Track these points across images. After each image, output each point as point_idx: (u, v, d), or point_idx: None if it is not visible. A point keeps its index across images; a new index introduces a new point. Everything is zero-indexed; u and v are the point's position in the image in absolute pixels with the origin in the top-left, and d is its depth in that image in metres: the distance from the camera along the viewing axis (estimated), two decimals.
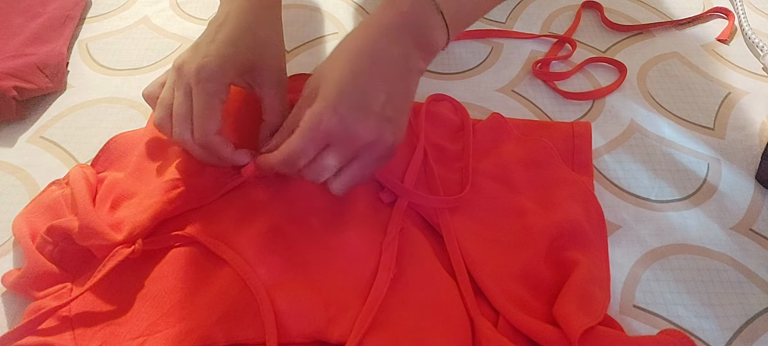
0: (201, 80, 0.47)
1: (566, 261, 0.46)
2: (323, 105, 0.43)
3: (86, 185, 0.48)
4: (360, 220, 0.48)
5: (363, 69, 0.44)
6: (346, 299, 0.44)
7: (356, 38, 0.46)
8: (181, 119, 0.47)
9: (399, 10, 0.46)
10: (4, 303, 0.46)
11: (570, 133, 0.57)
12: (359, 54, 0.45)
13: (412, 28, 0.46)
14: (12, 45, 0.63)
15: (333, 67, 0.45)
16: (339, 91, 0.43)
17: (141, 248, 0.45)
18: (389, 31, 0.45)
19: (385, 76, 0.45)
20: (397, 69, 0.46)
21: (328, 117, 0.43)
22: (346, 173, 0.46)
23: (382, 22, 0.46)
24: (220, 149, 0.48)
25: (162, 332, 0.42)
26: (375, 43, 0.45)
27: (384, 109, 0.44)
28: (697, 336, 0.45)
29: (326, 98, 0.43)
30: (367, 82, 0.44)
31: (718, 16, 0.73)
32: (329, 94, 0.44)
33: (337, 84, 0.44)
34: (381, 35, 0.45)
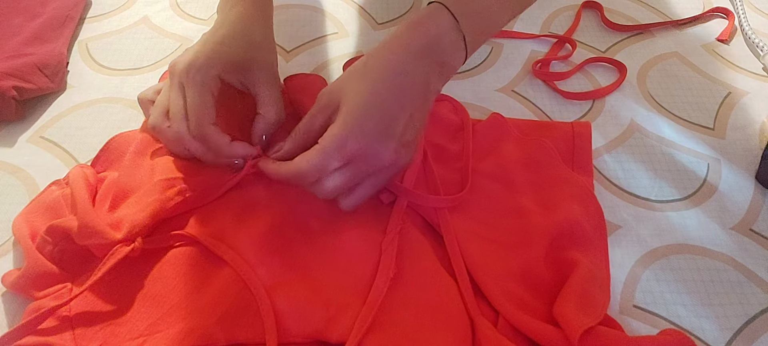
0: (190, 73, 0.48)
1: (566, 261, 0.46)
2: (350, 127, 0.43)
3: (86, 185, 0.48)
4: (360, 220, 0.48)
5: (389, 92, 0.44)
6: (345, 299, 0.44)
7: (383, 59, 0.45)
8: (177, 115, 0.48)
9: (426, 32, 0.46)
10: (4, 303, 0.46)
11: (570, 133, 0.57)
12: (385, 76, 0.44)
13: (436, 51, 0.46)
14: (12, 45, 0.63)
15: (358, 86, 0.45)
16: (365, 113, 0.43)
17: (141, 246, 0.45)
18: (415, 54, 0.45)
19: (407, 100, 0.45)
20: (418, 92, 0.46)
21: (354, 139, 0.43)
22: (358, 192, 0.47)
23: (410, 45, 0.45)
24: (216, 140, 0.48)
25: (162, 332, 0.42)
26: (401, 65, 0.45)
27: (404, 132, 0.45)
28: (697, 336, 0.45)
29: (353, 120, 0.43)
30: (392, 106, 0.44)
31: (718, 16, 0.73)
32: (355, 115, 0.43)
33: (363, 106, 0.44)
34: (407, 58, 0.45)
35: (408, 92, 0.45)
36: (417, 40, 0.45)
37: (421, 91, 0.46)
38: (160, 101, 0.51)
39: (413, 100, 0.45)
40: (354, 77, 0.45)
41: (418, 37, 0.45)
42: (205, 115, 0.48)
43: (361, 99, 0.44)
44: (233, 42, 0.51)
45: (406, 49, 0.45)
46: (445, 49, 0.46)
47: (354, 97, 0.44)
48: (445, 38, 0.46)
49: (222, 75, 0.50)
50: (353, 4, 0.75)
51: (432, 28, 0.46)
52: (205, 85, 0.48)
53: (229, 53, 0.50)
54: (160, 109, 0.50)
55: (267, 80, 0.52)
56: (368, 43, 0.69)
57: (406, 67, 0.45)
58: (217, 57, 0.49)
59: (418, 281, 0.45)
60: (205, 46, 0.50)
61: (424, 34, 0.46)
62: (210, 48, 0.50)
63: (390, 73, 0.45)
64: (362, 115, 0.43)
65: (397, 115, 0.44)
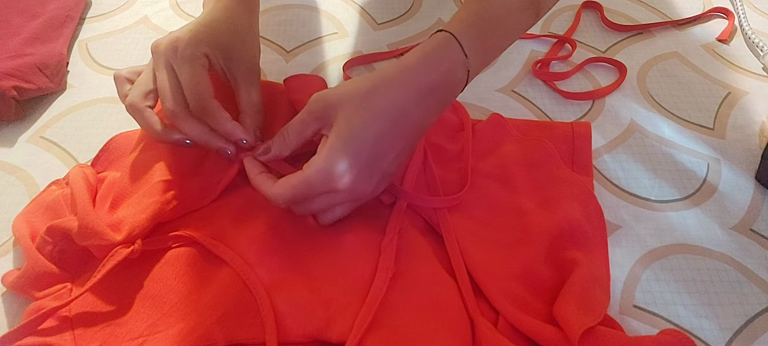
0: (178, 50, 0.47)
1: (566, 261, 0.46)
2: (338, 161, 0.42)
3: (86, 185, 0.48)
4: (359, 220, 0.48)
5: (386, 131, 0.43)
6: (345, 299, 0.44)
7: (389, 95, 0.43)
8: (170, 93, 0.47)
9: (438, 69, 0.44)
10: (4, 303, 0.46)
11: (570, 133, 0.57)
12: (386, 115, 0.43)
13: (443, 90, 0.45)
14: (12, 45, 0.63)
15: (355, 116, 0.43)
16: (357, 150, 0.43)
17: (140, 248, 0.45)
18: (421, 94, 0.44)
19: (401, 138, 0.44)
20: (414, 130, 0.45)
21: (339, 175, 0.43)
22: (333, 213, 0.47)
23: (416, 83, 0.44)
24: (219, 114, 0.47)
25: (162, 332, 0.42)
26: (404, 105, 0.44)
27: (390, 166, 0.45)
28: (697, 336, 0.45)
29: (342, 154, 0.42)
30: (385, 145, 0.44)
31: (718, 16, 0.73)
32: (346, 150, 0.42)
33: (356, 142, 0.43)
34: (412, 98, 0.44)
35: (404, 134, 0.44)
36: (427, 78, 0.44)
37: (417, 130, 0.45)
38: (142, 81, 0.49)
39: (405, 138, 0.45)
40: (355, 101, 0.43)
41: (430, 76, 0.44)
42: (205, 89, 0.47)
43: (356, 132, 0.43)
44: (218, 26, 0.50)
45: (415, 89, 0.44)
46: (453, 87, 0.46)
47: (349, 127, 0.43)
48: (455, 76, 0.45)
49: (209, 54, 0.48)
50: (353, 4, 0.75)
51: (445, 65, 0.45)
52: (196, 59, 0.47)
53: (214, 34, 0.49)
54: (141, 88, 0.48)
55: (248, 75, 0.51)
56: (368, 43, 0.69)
57: (408, 109, 0.44)
58: (203, 36, 0.48)
59: (418, 280, 0.45)
60: (189, 26, 0.49)
61: (436, 73, 0.44)
62: (195, 28, 0.49)
63: (391, 113, 0.43)
64: (353, 152, 0.42)
65: (386, 154, 0.44)
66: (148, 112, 0.48)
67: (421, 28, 0.71)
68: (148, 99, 0.48)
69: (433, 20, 0.72)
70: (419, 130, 0.46)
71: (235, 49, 0.50)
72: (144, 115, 0.48)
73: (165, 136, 0.48)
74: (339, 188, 0.43)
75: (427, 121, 0.46)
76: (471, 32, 0.46)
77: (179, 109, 0.47)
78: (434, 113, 0.46)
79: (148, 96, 0.48)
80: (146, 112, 0.48)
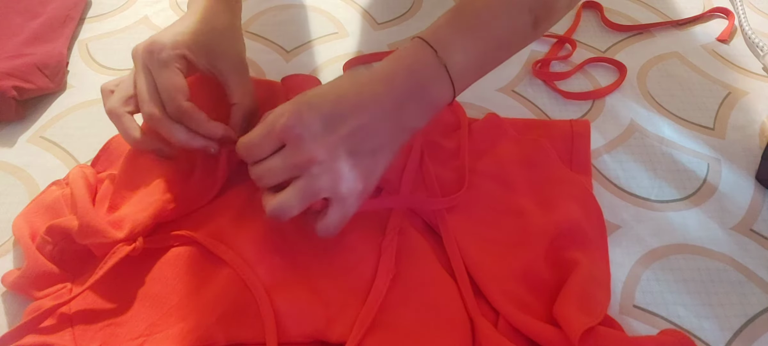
0: (154, 52, 0.47)
1: (566, 261, 0.46)
2: (290, 106, 0.42)
3: (85, 185, 0.48)
4: (359, 221, 0.48)
5: (349, 96, 0.43)
6: (345, 300, 0.44)
7: (354, 75, 0.45)
8: (147, 96, 0.47)
9: (401, 62, 0.45)
10: (4, 303, 0.46)
11: (569, 132, 0.57)
12: (352, 87, 0.44)
13: (412, 82, 0.44)
14: (12, 45, 0.63)
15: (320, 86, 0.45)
16: (311, 100, 0.42)
17: (142, 246, 0.45)
18: (386, 78, 0.44)
19: (366, 115, 0.43)
20: (384, 116, 0.44)
21: (288, 117, 0.41)
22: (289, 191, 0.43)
23: (382, 70, 0.45)
24: (194, 116, 0.47)
25: (162, 332, 0.42)
26: (368, 85, 0.44)
27: (352, 138, 0.42)
28: (697, 336, 0.45)
29: (297, 101, 0.43)
30: (343, 108, 0.42)
31: (718, 16, 0.73)
32: (301, 99, 0.43)
33: (313, 95, 0.43)
34: (377, 80, 0.44)
35: (368, 109, 0.43)
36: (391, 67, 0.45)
37: (388, 117, 0.44)
38: (123, 86, 0.49)
39: (372, 118, 0.43)
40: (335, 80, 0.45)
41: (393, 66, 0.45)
42: (179, 91, 0.47)
43: (315, 90, 0.44)
44: (196, 26, 0.50)
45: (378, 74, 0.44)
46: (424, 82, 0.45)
47: (311, 90, 0.44)
48: (424, 70, 0.45)
49: (187, 55, 0.48)
50: (353, 4, 0.75)
51: (409, 59, 0.45)
52: (172, 61, 0.47)
53: (193, 34, 0.49)
54: (121, 94, 0.48)
55: (235, 68, 0.51)
56: (368, 43, 0.69)
57: (373, 88, 0.44)
58: (181, 37, 0.48)
59: (418, 281, 0.45)
60: (168, 29, 0.49)
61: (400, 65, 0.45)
62: (172, 30, 0.49)
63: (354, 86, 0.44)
64: (306, 101, 0.42)
65: (342, 116, 0.42)
66: (126, 117, 0.48)
67: (421, 28, 0.70)
68: (129, 104, 0.48)
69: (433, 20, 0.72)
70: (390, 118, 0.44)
71: (216, 47, 0.50)
72: (122, 121, 0.48)
73: (142, 144, 0.48)
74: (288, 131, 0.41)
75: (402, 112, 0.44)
76: (442, 31, 0.46)
77: (157, 112, 0.46)
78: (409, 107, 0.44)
79: (129, 101, 0.48)
80: (125, 118, 0.48)
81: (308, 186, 0.42)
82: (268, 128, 0.42)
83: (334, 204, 0.43)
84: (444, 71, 0.45)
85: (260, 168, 0.43)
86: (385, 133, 0.44)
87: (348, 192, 0.43)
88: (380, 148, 0.44)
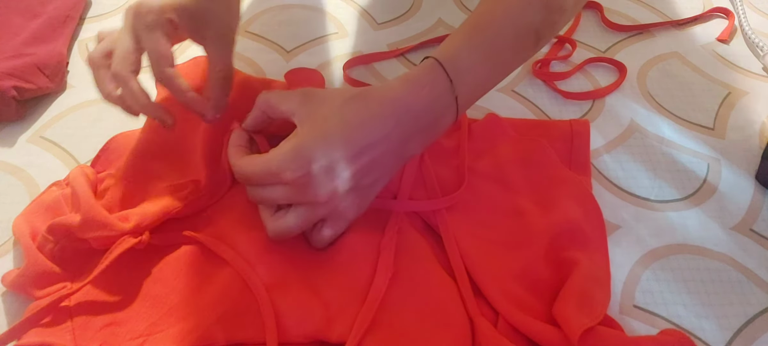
0: (141, 15, 0.46)
1: (566, 261, 0.46)
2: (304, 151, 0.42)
3: (87, 182, 0.48)
4: (359, 220, 0.48)
5: (357, 142, 0.43)
6: (345, 300, 0.44)
7: (368, 108, 0.44)
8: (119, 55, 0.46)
9: (417, 92, 0.44)
10: (4, 303, 0.46)
11: (568, 132, 0.57)
12: (360, 129, 0.43)
13: (423, 114, 0.44)
14: (12, 45, 0.63)
15: (331, 114, 0.43)
16: (316, 142, 0.42)
17: (148, 239, 0.45)
18: (400, 117, 0.44)
19: (375, 155, 0.43)
20: (391, 152, 0.44)
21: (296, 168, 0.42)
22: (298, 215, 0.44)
23: (397, 106, 0.44)
24: (177, 84, 0.46)
25: (162, 332, 0.42)
26: (382, 125, 0.43)
27: (356, 178, 0.43)
28: (697, 336, 0.45)
29: (310, 145, 0.42)
30: (350, 150, 0.42)
31: (718, 16, 0.73)
32: (315, 141, 0.42)
33: (320, 132, 0.42)
34: (390, 120, 0.43)
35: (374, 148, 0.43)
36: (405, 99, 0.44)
37: (392, 152, 0.44)
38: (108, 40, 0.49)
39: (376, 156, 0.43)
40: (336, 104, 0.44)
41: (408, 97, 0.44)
42: (162, 57, 0.46)
43: (322, 131, 0.42)
44: None
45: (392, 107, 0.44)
46: (434, 113, 0.45)
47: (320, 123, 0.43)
48: (437, 101, 0.44)
49: (174, 19, 0.47)
50: (353, 4, 0.75)
51: (425, 89, 0.44)
52: (158, 26, 0.46)
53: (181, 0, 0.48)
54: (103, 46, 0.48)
55: (218, 38, 0.50)
56: (368, 43, 0.69)
57: (381, 126, 0.43)
58: (169, 1, 0.47)
59: (417, 280, 0.45)
60: None
61: (415, 95, 0.44)
62: None
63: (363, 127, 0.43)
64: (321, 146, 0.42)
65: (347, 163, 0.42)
66: (102, 70, 0.48)
67: (421, 28, 0.71)
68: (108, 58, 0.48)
69: (433, 20, 0.72)
70: (394, 152, 0.45)
71: (203, 14, 0.49)
72: (99, 73, 0.48)
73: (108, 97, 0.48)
74: (301, 181, 0.42)
75: (407, 144, 0.45)
76: (459, 58, 0.45)
77: (124, 73, 0.46)
78: (415, 138, 0.45)
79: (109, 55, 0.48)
80: (102, 71, 0.48)
81: (309, 215, 0.44)
82: (269, 169, 0.43)
83: (331, 223, 0.46)
84: (454, 101, 0.45)
85: (260, 194, 0.45)
86: (387, 165, 0.45)
87: (346, 216, 0.46)
88: (381, 178, 0.46)
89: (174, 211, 0.47)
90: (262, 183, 0.44)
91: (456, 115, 0.46)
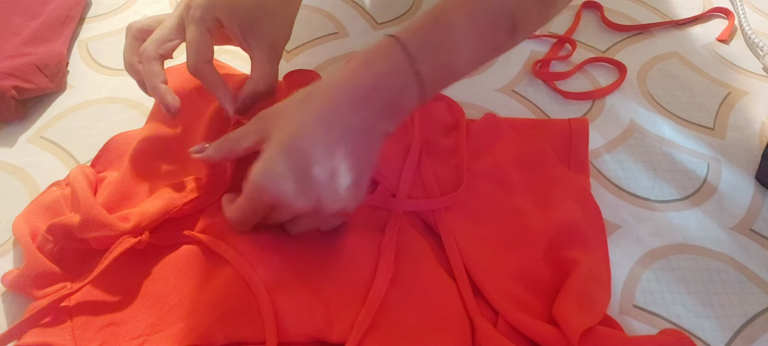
0: (191, 7, 0.48)
1: (565, 261, 0.46)
2: (270, 169, 0.42)
3: (87, 182, 0.48)
4: (359, 220, 0.48)
5: (319, 139, 0.41)
6: (345, 299, 0.44)
7: (319, 99, 0.43)
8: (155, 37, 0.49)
9: (373, 72, 0.43)
10: (4, 303, 0.46)
11: (567, 131, 0.57)
12: (318, 122, 0.42)
13: (383, 93, 0.43)
14: (12, 45, 0.63)
15: (289, 126, 0.42)
16: (287, 161, 0.41)
17: (148, 239, 0.45)
18: (356, 98, 0.42)
19: (341, 144, 0.42)
20: (358, 136, 0.43)
21: (270, 188, 0.42)
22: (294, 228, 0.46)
23: (351, 86, 0.43)
24: (211, 78, 0.48)
25: (162, 331, 0.42)
26: (338, 111, 0.42)
27: (336, 178, 0.42)
28: (697, 336, 0.45)
29: (274, 161, 0.42)
30: (319, 152, 0.41)
31: (718, 16, 0.73)
32: (278, 156, 0.42)
33: (288, 152, 0.42)
34: (346, 103, 0.42)
35: (341, 137, 0.42)
36: (362, 82, 0.43)
37: (361, 136, 0.43)
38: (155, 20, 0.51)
39: (347, 144, 0.42)
40: (289, 109, 0.44)
41: (365, 80, 0.43)
42: (202, 52, 0.48)
43: (285, 140, 0.42)
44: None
45: (348, 93, 0.43)
46: (395, 91, 0.43)
47: (282, 135, 0.42)
48: (396, 79, 0.43)
49: (221, 19, 0.48)
50: (353, 4, 0.75)
51: (381, 67, 0.43)
52: (204, 21, 0.48)
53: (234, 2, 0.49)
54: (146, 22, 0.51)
55: (264, 50, 0.50)
56: (368, 43, 0.69)
57: (342, 113, 0.42)
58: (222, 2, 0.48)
59: (417, 281, 0.45)
60: None
61: (371, 76, 0.43)
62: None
63: (323, 118, 0.42)
64: (285, 158, 0.41)
65: (319, 161, 0.41)
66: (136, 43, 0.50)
67: None
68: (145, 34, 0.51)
69: None
70: (363, 136, 0.43)
71: (254, 23, 0.50)
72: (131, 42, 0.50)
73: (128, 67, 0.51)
74: (281, 198, 0.42)
75: (375, 126, 0.43)
76: (419, 36, 0.44)
77: (152, 52, 0.48)
78: (381, 117, 0.43)
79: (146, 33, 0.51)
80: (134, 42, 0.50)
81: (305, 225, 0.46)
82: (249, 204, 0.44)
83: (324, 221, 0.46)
84: (416, 80, 0.43)
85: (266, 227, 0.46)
86: (363, 152, 0.43)
87: (341, 214, 0.45)
88: (363, 169, 0.44)
89: (174, 211, 0.47)
90: (253, 220, 0.45)
91: (423, 94, 0.44)
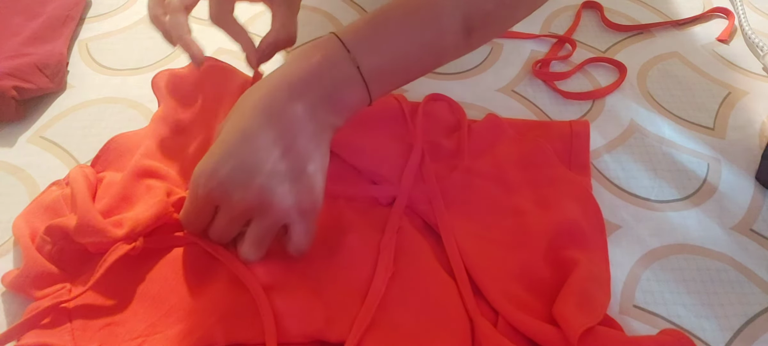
0: None
1: (565, 261, 0.46)
2: (204, 167, 0.42)
3: (86, 183, 0.48)
4: (358, 220, 0.48)
5: (254, 127, 0.41)
6: (344, 299, 0.44)
7: (256, 91, 0.43)
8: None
9: (308, 62, 0.43)
10: (4, 303, 0.46)
11: (568, 132, 0.57)
12: (254, 111, 0.42)
13: (320, 81, 0.43)
14: (12, 45, 0.63)
15: (228, 119, 0.43)
16: (222, 152, 0.41)
17: (142, 245, 0.45)
18: (292, 85, 0.42)
19: (282, 134, 0.41)
20: (299, 126, 0.42)
21: (205, 181, 0.41)
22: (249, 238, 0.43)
23: (287, 76, 0.43)
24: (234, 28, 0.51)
25: (161, 332, 0.42)
26: (273, 98, 0.42)
27: (276, 167, 0.41)
28: (697, 336, 0.45)
29: (210, 159, 0.42)
30: (258, 142, 0.41)
31: (718, 16, 0.73)
32: (213, 154, 0.42)
33: (223, 144, 0.42)
34: (282, 90, 0.42)
35: (281, 126, 0.41)
36: (297, 71, 0.43)
37: (303, 125, 0.42)
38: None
39: (289, 134, 0.42)
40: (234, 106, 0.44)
41: (300, 69, 0.43)
42: (224, 1, 0.50)
43: (223, 136, 0.42)
44: None
45: (282, 81, 0.43)
46: (333, 80, 0.43)
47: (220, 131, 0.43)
48: (333, 69, 0.43)
49: None
50: (353, 4, 0.75)
51: (316, 57, 0.43)
52: None
53: None
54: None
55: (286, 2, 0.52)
56: None
57: (278, 100, 0.42)
58: None
59: (417, 280, 0.45)
60: None
61: (307, 65, 0.43)
62: None
63: (259, 108, 0.42)
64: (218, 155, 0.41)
65: (259, 152, 0.41)
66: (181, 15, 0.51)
67: None
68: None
69: None
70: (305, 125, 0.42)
71: None
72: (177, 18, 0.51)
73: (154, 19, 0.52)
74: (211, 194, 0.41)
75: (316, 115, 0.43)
76: (353, 30, 0.44)
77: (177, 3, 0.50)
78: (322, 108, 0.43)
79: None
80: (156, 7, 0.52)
81: (259, 230, 0.43)
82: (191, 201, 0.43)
83: (293, 226, 0.43)
84: (356, 72, 0.43)
85: (213, 232, 0.45)
86: (308, 143, 0.42)
87: (300, 211, 0.43)
88: (309, 158, 0.42)
89: (168, 215, 0.47)
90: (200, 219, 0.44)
91: (367, 90, 0.44)
